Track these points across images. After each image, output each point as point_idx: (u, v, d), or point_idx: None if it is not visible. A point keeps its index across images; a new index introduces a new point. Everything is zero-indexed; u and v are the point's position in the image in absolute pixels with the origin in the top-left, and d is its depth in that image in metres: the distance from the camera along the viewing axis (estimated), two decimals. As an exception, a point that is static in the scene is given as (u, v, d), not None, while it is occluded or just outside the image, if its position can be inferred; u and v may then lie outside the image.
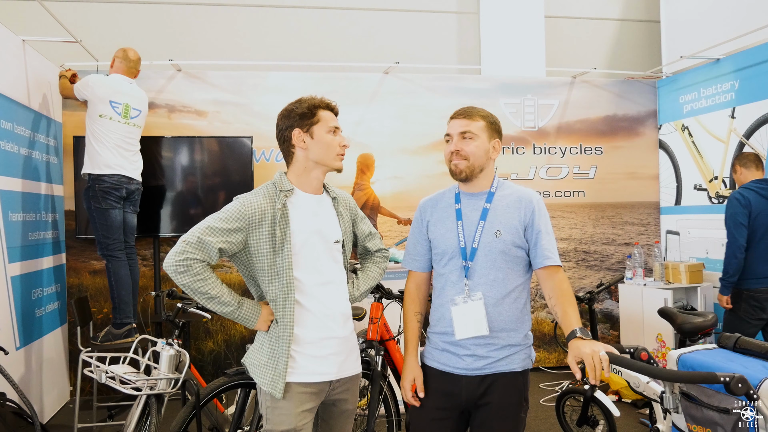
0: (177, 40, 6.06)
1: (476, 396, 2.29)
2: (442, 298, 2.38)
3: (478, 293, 2.29)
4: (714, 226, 5.53)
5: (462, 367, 2.30)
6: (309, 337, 2.28)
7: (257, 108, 5.69)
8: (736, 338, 2.28)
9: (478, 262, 2.31)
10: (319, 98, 2.39)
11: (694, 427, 2.09)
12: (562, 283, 2.29)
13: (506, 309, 2.30)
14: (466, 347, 2.30)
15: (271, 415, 2.25)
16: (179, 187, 5.33)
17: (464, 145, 2.34)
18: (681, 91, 6.05)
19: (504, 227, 2.32)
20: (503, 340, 2.29)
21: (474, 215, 2.37)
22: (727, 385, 1.83)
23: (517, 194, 2.40)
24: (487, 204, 2.37)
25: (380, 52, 6.30)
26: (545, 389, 5.35)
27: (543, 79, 6.33)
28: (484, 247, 2.31)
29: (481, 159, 2.36)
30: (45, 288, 4.74)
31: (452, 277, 2.36)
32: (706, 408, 2.03)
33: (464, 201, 2.42)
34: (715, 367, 2.10)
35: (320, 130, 2.33)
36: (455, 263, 2.35)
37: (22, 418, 3.56)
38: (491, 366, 2.28)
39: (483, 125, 2.37)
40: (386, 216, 5.94)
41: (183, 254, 2.15)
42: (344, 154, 2.41)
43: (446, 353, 2.35)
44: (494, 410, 2.29)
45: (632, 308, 5.61)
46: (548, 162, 6.24)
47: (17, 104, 4.33)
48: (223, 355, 5.57)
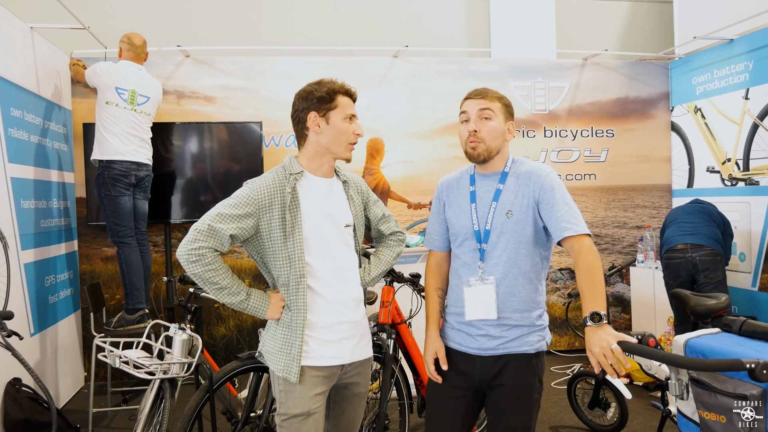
0: (185, 25, 6.04)
1: (490, 376, 2.30)
2: (457, 279, 2.40)
3: (491, 277, 2.28)
4: (727, 208, 5.48)
5: (475, 346, 2.31)
6: (321, 322, 2.28)
7: (266, 93, 5.68)
8: (742, 322, 2.21)
9: (491, 244, 2.30)
10: (340, 83, 2.35)
11: (707, 414, 2.04)
12: (588, 254, 2.16)
13: (520, 290, 2.29)
14: (479, 327, 2.30)
15: (284, 398, 2.25)
16: (189, 174, 5.34)
17: (482, 125, 2.31)
18: (694, 72, 5.98)
19: (515, 207, 2.29)
20: (516, 321, 2.29)
21: (488, 196, 2.35)
22: (752, 372, 1.75)
23: (527, 171, 2.35)
24: (500, 185, 2.35)
25: (389, 35, 6.25)
26: (557, 372, 5.35)
27: (554, 62, 6.27)
28: (496, 229, 2.30)
29: (497, 140, 2.34)
30: (58, 275, 4.78)
31: (466, 258, 2.36)
32: (720, 394, 1.98)
33: (479, 182, 2.40)
34: (726, 351, 2.04)
35: (337, 116, 2.30)
36: (469, 245, 2.35)
37: (38, 402, 3.61)
38: (504, 346, 2.28)
39: (500, 106, 2.35)
40: (396, 200, 5.92)
41: (195, 243, 2.15)
42: (356, 143, 2.37)
43: (461, 333, 2.36)
44: (508, 391, 2.29)
45: (644, 291, 5.58)
46: (559, 145, 6.20)
47: (27, 92, 4.34)
48: (235, 339, 5.60)
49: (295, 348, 2.24)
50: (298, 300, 2.25)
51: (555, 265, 6.12)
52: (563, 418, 4.30)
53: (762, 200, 5.15)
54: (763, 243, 5.14)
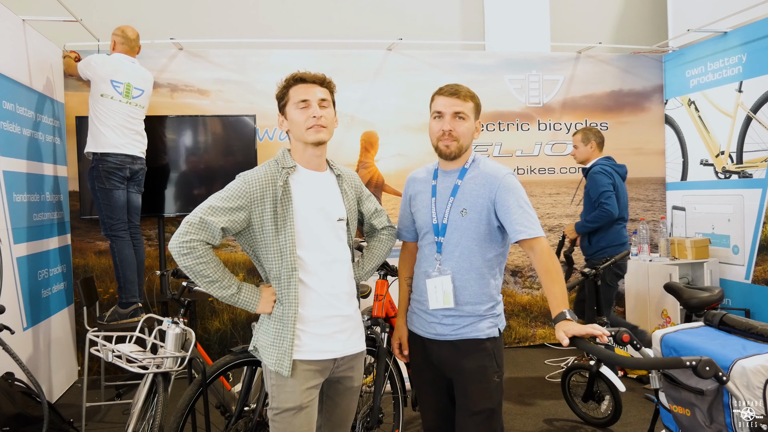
0: (178, 18, 6.00)
1: (449, 362, 2.42)
2: (419, 269, 2.53)
3: (448, 268, 2.39)
4: (720, 201, 5.51)
5: (432, 332, 2.45)
6: (313, 316, 2.28)
7: (260, 86, 5.66)
8: (722, 315, 2.25)
9: (447, 238, 2.41)
10: (291, 74, 2.35)
11: (674, 407, 2.11)
12: (542, 256, 2.27)
13: (472, 284, 2.39)
14: (434, 315, 2.44)
15: (276, 392, 2.26)
16: (183, 167, 5.32)
17: (457, 125, 2.39)
18: (688, 65, 5.98)
19: (470, 205, 2.38)
20: (467, 312, 2.39)
21: (446, 192, 2.45)
22: (694, 369, 1.82)
23: (485, 171, 2.42)
24: (459, 180, 2.44)
25: (383, 28, 6.23)
26: (551, 365, 5.37)
27: (548, 55, 6.26)
28: (451, 224, 2.41)
29: (468, 140, 2.43)
30: (51, 269, 4.76)
31: (426, 250, 2.49)
32: (683, 389, 2.04)
33: (440, 177, 2.51)
34: (695, 347, 2.09)
35: (291, 108, 2.32)
36: (429, 237, 2.47)
37: (31, 397, 3.59)
38: (456, 333, 2.40)
39: (472, 106, 2.43)
40: (391, 194, 5.92)
41: (186, 235, 2.15)
42: (319, 125, 2.27)
43: (420, 319, 2.52)
44: (468, 374, 2.39)
45: (638, 284, 5.60)
46: (553, 138, 6.20)
47: (19, 85, 4.31)
48: (229, 333, 5.59)
49: (286, 342, 2.23)
50: (289, 294, 2.24)
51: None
52: (557, 411, 4.31)
53: (755, 193, 5.16)
54: (756, 235, 5.15)
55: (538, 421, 4.14)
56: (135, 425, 3.09)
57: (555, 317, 2.16)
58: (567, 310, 2.14)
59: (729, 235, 5.45)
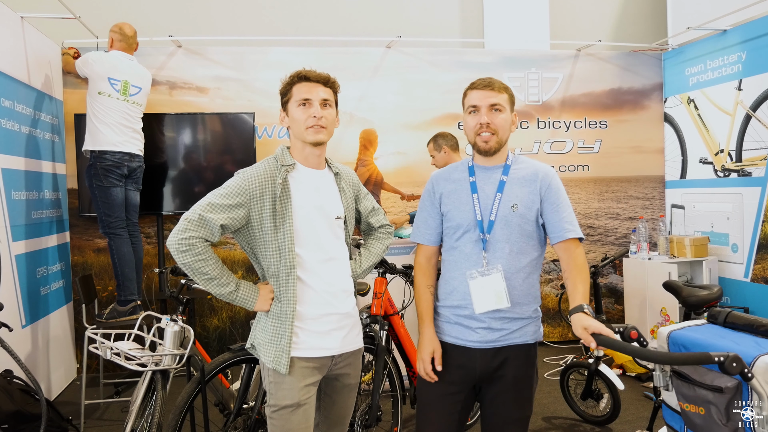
0: (177, 15, 5.99)
1: (491, 369, 2.30)
2: (455, 271, 2.36)
3: (497, 265, 2.27)
4: (720, 199, 5.50)
5: (476, 340, 2.30)
6: (311, 314, 2.28)
7: (259, 84, 5.65)
8: (727, 313, 2.23)
9: (495, 235, 2.29)
10: (295, 71, 2.33)
11: (687, 405, 2.06)
12: (579, 257, 2.28)
13: (520, 283, 2.30)
14: (481, 320, 2.29)
15: (274, 390, 2.25)
16: (181, 165, 5.31)
17: (494, 118, 2.30)
18: (687, 63, 5.97)
19: (520, 201, 2.30)
20: (516, 314, 2.30)
21: (490, 188, 2.34)
22: (721, 365, 1.76)
23: (533, 168, 2.37)
24: (504, 176, 2.34)
25: (382, 26, 6.22)
26: (549, 363, 5.37)
27: (547, 53, 6.26)
28: (501, 220, 2.29)
29: (506, 133, 2.35)
30: (50, 266, 4.76)
31: (466, 249, 2.33)
32: (698, 387, 2.00)
33: (479, 174, 2.38)
34: (706, 344, 2.06)
35: (292, 106, 2.31)
36: (470, 236, 2.32)
37: (29, 394, 3.59)
38: (505, 338, 2.29)
39: (507, 98, 2.35)
40: (390, 192, 5.91)
41: (185, 232, 2.14)
42: (319, 125, 2.27)
43: (458, 326, 2.34)
44: (509, 383, 2.30)
45: (637, 282, 5.60)
46: (552, 136, 6.19)
47: (17, 82, 4.30)
48: (228, 331, 5.59)
49: (284, 339, 2.23)
50: (287, 291, 2.24)
51: (548, 256, 6.12)
52: (556, 409, 4.31)
53: (754, 191, 5.16)
54: (755, 234, 5.15)
55: (537, 419, 4.14)
56: (134, 423, 3.09)
57: (573, 308, 2.14)
58: (585, 305, 2.12)
59: (728, 234, 5.45)
